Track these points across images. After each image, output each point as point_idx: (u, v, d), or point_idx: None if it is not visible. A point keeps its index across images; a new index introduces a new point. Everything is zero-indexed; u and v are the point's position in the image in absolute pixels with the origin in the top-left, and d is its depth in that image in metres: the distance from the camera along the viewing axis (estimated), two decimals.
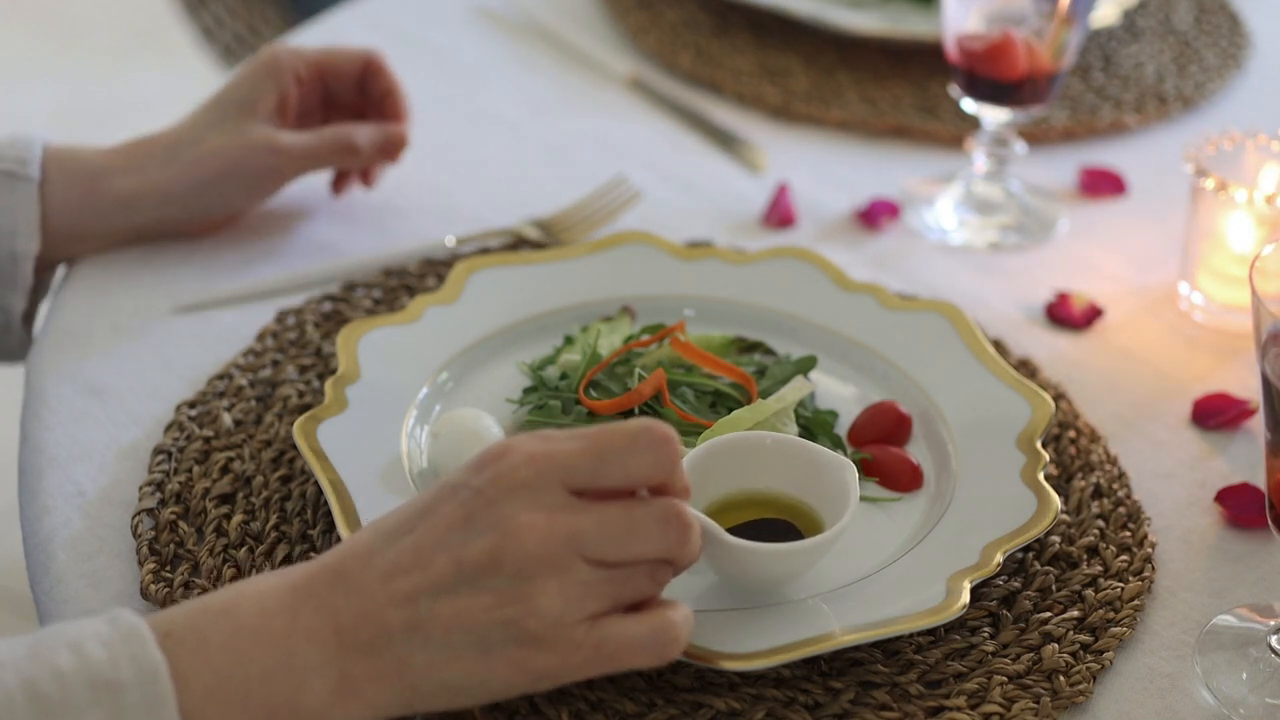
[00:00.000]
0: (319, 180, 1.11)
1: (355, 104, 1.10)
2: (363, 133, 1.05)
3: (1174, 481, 0.93)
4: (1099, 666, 0.80)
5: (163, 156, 1.01)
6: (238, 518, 0.84)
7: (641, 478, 0.69)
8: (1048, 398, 0.91)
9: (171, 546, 0.82)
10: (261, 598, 0.67)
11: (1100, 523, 0.88)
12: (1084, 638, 0.81)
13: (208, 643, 0.65)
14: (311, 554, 0.82)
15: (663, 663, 0.70)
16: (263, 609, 0.67)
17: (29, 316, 1.03)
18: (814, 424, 0.91)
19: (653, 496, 0.70)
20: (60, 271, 1.05)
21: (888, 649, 0.79)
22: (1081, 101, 1.33)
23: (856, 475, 0.79)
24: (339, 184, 1.10)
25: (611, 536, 0.68)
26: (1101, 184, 1.23)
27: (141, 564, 0.81)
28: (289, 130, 1.04)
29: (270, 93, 1.03)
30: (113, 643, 0.64)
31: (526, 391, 0.93)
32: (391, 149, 1.07)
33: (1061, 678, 0.79)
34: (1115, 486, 0.91)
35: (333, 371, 0.95)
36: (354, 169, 1.09)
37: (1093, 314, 1.07)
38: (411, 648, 0.67)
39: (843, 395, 0.96)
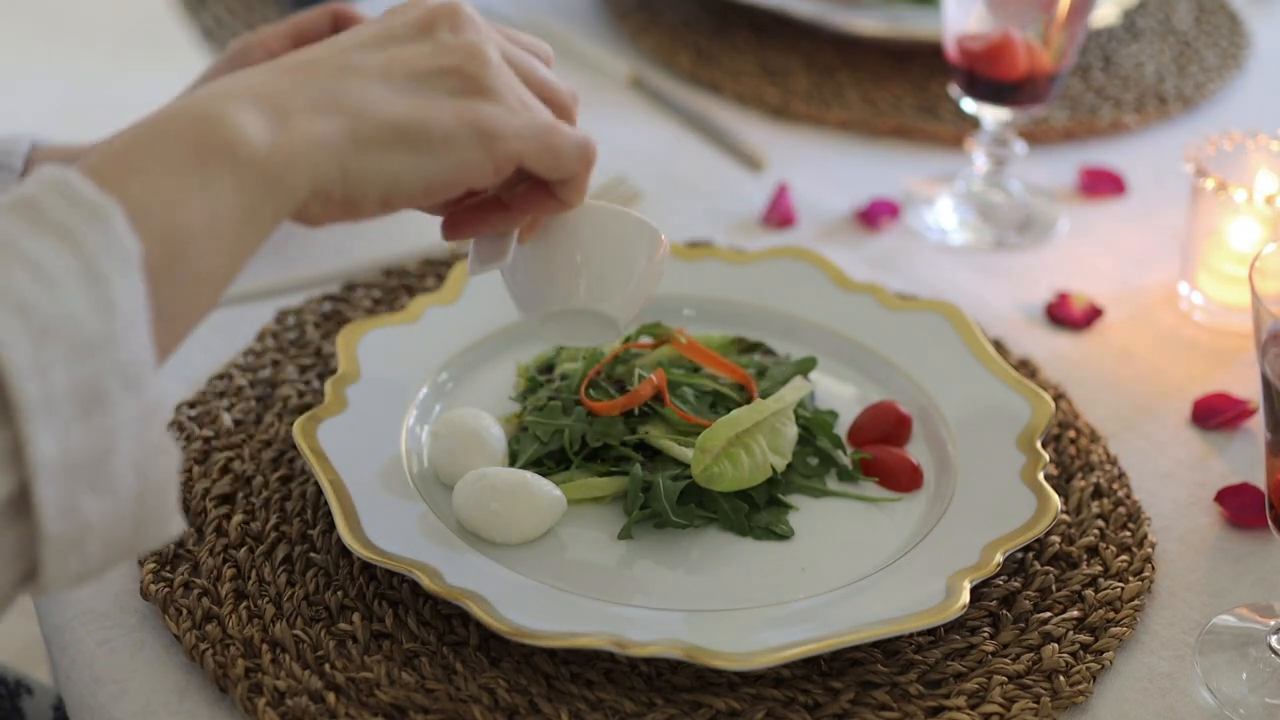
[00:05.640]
0: None
1: None
2: None
3: (1174, 481, 0.93)
4: (1099, 666, 0.80)
5: None
6: (238, 518, 0.84)
7: (527, 45, 0.73)
8: (1048, 398, 0.91)
9: (171, 546, 0.82)
10: (155, 111, 0.63)
11: (1100, 523, 0.88)
12: (1084, 638, 0.81)
13: (109, 146, 0.61)
14: (312, 554, 0.83)
15: (583, 166, 0.72)
16: (160, 109, 0.63)
17: None
18: (814, 424, 0.91)
19: None
20: None
21: (888, 649, 0.79)
22: (1081, 101, 1.33)
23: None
24: None
25: (518, 50, 0.72)
26: (1101, 184, 1.23)
27: (141, 564, 0.81)
28: None
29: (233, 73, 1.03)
30: (8, 183, 0.60)
31: (526, 392, 0.93)
32: None
33: (1061, 678, 0.79)
34: (1115, 486, 0.91)
35: (333, 371, 0.95)
36: None
37: (1093, 314, 1.07)
38: (348, 83, 0.65)
39: (843, 395, 0.96)
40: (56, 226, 0.57)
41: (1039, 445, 0.88)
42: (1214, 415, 0.98)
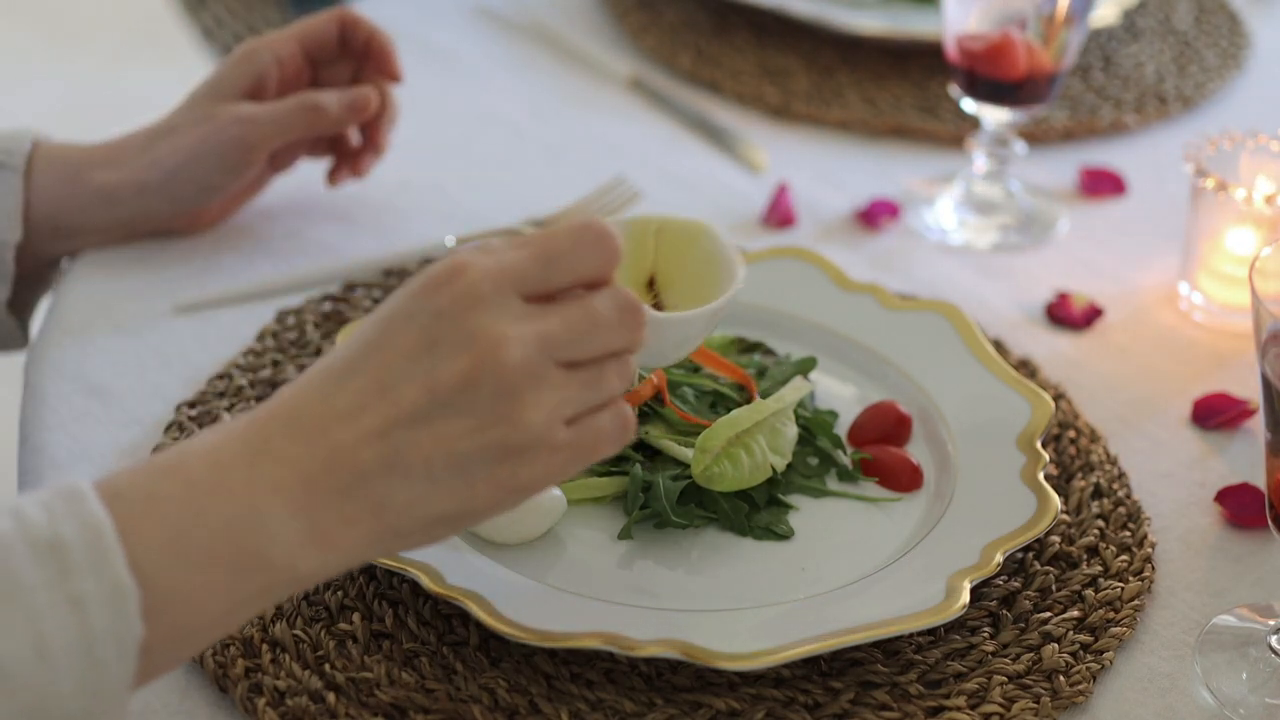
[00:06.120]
0: (318, 180, 1.11)
1: (348, 78, 1.09)
2: (328, 95, 1.04)
3: (1174, 481, 0.93)
4: (1099, 666, 0.80)
5: (139, 149, 1.02)
6: None
7: (589, 274, 0.68)
8: (1048, 398, 0.91)
9: None
10: (213, 453, 0.63)
11: (1100, 523, 0.88)
12: (1084, 638, 0.81)
13: (158, 498, 0.61)
14: None
15: (621, 447, 0.69)
16: (216, 463, 0.63)
17: (18, 306, 1.03)
18: (814, 424, 0.91)
19: (597, 289, 0.68)
20: (60, 271, 1.06)
21: (888, 649, 0.79)
22: (1081, 101, 1.33)
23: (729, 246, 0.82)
24: (333, 175, 1.10)
25: (579, 334, 0.67)
26: (1101, 184, 1.23)
27: None
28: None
29: (243, 77, 1.03)
30: (52, 504, 0.60)
31: None
32: (360, 107, 1.05)
33: (1061, 678, 0.79)
34: (1115, 486, 0.91)
35: None
36: (325, 133, 1.06)
37: (1093, 314, 1.07)
38: (391, 486, 0.63)
39: (843, 395, 0.96)
40: (74, 595, 0.58)
41: (1039, 445, 0.88)
42: (1214, 415, 0.98)
